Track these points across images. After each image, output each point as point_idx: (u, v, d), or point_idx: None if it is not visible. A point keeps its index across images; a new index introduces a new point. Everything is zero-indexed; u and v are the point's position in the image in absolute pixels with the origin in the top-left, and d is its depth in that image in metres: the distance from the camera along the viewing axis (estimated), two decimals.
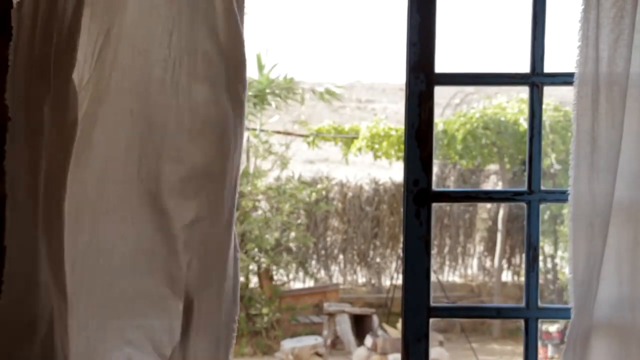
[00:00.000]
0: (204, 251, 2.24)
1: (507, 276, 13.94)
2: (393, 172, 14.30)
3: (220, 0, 2.21)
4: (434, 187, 2.51)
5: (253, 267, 12.04)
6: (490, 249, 14.15)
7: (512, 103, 12.57)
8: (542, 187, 2.53)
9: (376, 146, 13.29)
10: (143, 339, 2.21)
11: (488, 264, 14.24)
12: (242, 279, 11.87)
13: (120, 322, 2.21)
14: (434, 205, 2.51)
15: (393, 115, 19.94)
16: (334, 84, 13.95)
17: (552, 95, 13.05)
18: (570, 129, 12.07)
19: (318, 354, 10.39)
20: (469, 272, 14.46)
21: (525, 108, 11.96)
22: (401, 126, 12.94)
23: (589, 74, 2.35)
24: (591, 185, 2.36)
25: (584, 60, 2.35)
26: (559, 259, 12.37)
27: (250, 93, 11.70)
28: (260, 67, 12.02)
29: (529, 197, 2.52)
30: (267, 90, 11.78)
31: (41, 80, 2.04)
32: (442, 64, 2.53)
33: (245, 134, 11.68)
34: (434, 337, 9.97)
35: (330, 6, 34.21)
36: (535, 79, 2.51)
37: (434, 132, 2.55)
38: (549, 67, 2.52)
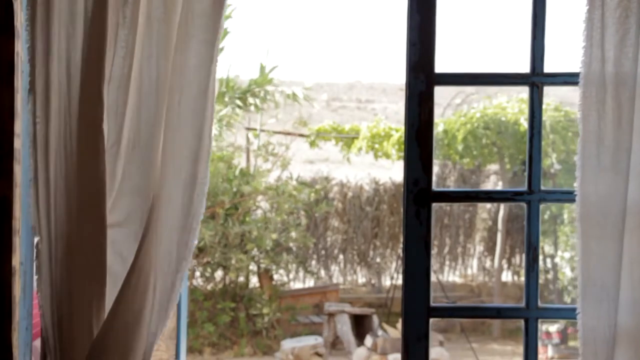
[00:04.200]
0: None
1: (507, 276, 13.93)
2: (393, 172, 14.30)
3: None
4: (434, 187, 2.51)
5: (253, 267, 12.04)
6: (490, 249, 14.14)
7: (512, 103, 12.56)
8: (542, 187, 2.53)
9: (376, 146, 13.29)
10: None
11: (488, 264, 14.23)
12: (242, 279, 11.87)
13: None
14: (434, 205, 2.51)
15: (393, 115, 19.94)
16: (332, 89, 13.93)
17: (552, 95, 13.04)
18: (570, 129, 12.11)
19: (318, 354, 10.39)
20: (469, 272, 14.46)
21: (525, 108, 11.96)
22: (401, 126, 12.94)
23: (594, 74, 2.34)
24: (597, 186, 2.35)
25: (588, 61, 2.35)
26: (559, 259, 12.36)
27: (234, 95, 11.69)
28: (262, 69, 12.00)
29: (529, 197, 2.52)
30: (248, 93, 11.79)
31: None
32: (442, 64, 2.53)
33: (245, 134, 11.51)
34: (434, 337, 9.97)
35: (330, 6, 34.19)
36: (535, 79, 2.51)
37: (435, 132, 2.55)
38: (549, 67, 2.52)
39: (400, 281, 12.30)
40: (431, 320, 2.52)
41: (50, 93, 2.36)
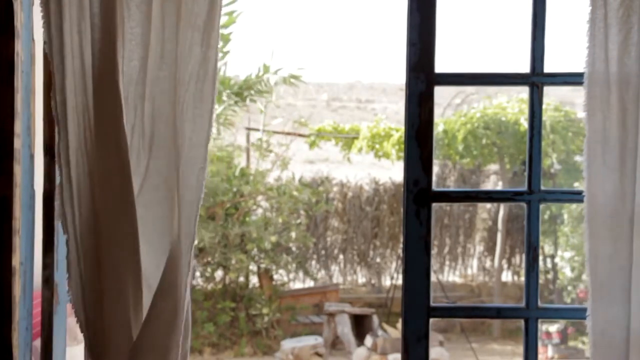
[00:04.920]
0: None
1: (507, 276, 13.93)
2: (393, 172, 14.30)
3: None
4: (434, 187, 2.50)
5: (253, 267, 12.04)
6: (490, 249, 14.14)
7: (512, 103, 12.57)
8: (542, 187, 2.53)
9: (377, 146, 13.30)
10: None
11: (488, 264, 14.24)
12: (242, 279, 11.87)
13: None
14: (434, 205, 2.51)
15: (393, 115, 19.94)
16: (332, 89, 13.98)
17: (552, 95, 13.05)
18: (570, 129, 12.12)
19: (318, 354, 10.39)
20: (469, 272, 14.46)
21: (525, 108, 11.97)
22: (401, 126, 12.94)
23: (598, 73, 2.33)
24: (604, 187, 2.33)
25: (592, 61, 2.34)
26: (559, 259, 12.36)
27: (231, 91, 11.68)
28: (266, 70, 12.01)
29: (529, 197, 2.52)
30: (244, 87, 11.79)
31: None
32: (442, 64, 2.53)
33: (246, 134, 11.49)
34: (434, 337, 9.97)
35: (330, 6, 34.20)
36: (535, 79, 2.50)
37: (435, 132, 2.54)
38: (549, 67, 2.51)
39: (400, 281, 12.30)
40: (431, 320, 2.52)
41: (66, 91, 2.36)
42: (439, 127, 12.40)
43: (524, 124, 11.98)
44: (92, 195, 2.39)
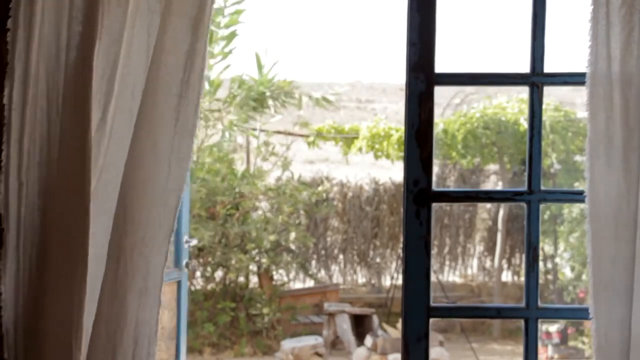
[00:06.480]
0: None
1: (507, 276, 13.92)
2: (393, 172, 14.29)
3: None
4: (434, 187, 2.50)
5: (253, 267, 12.03)
6: (490, 249, 14.13)
7: (512, 103, 12.56)
8: (542, 187, 2.53)
9: (377, 146, 13.29)
10: None
11: (488, 264, 14.22)
12: (242, 279, 11.86)
13: None
14: (434, 205, 2.51)
15: (393, 115, 19.92)
16: (332, 89, 13.97)
17: (552, 95, 13.04)
18: (570, 129, 12.09)
19: (318, 354, 10.39)
20: (469, 272, 14.45)
21: (525, 108, 11.96)
22: (401, 126, 12.93)
23: (600, 73, 2.33)
24: (607, 186, 2.32)
25: (594, 60, 2.33)
26: (559, 259, 12.36)
27: (250, 95, 11.65)
28: (260, 66, 11.99)
29: (529, 197, 2.52)
30: (267, 94, 11.78)
31: None
32: (442, 64, 2.53)
33: (246, 134, 11.46)
34: (434, 337, 9.96)
35: (330, 6, 34.18)
36: (535, 79, 2.50)
37: (434, 132, 2.55)
38: (549, 67, 2.51)
39: (400, 281, 12.29)
40: (431, 320, 2.52)
41: (29, 79, 2.30)
42: (438, 127, 12.39)
43: (524, 124, 11.97)
44: (44, 187, 2.31)
